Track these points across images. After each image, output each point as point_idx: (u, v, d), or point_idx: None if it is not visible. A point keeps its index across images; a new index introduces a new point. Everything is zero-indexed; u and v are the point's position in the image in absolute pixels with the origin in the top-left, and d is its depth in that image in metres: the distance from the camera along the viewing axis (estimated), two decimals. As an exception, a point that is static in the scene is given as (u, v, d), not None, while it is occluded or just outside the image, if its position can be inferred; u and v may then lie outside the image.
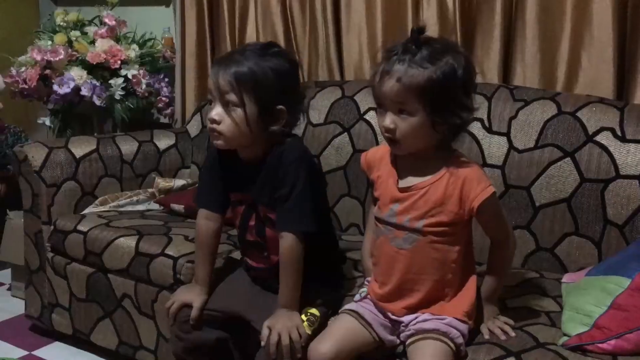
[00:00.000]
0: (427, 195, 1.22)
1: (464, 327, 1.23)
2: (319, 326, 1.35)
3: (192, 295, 1.45)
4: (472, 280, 1.28)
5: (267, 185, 1.35)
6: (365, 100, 1.95)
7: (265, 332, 1.29)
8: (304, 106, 1.43)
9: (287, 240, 1.32)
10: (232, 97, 1.30)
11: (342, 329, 1.27)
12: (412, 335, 1.23)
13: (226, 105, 1.31)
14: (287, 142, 1.35)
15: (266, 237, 1.40)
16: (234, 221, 1.47)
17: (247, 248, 1.47)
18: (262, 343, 1.29)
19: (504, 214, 1.29)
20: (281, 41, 2.31)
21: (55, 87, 2.26)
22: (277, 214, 1.34)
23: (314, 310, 1.35)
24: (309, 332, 1.31)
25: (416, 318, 1.25)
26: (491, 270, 1.29)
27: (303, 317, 1.33)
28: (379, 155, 1.33)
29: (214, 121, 1.32)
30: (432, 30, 1.92)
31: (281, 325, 1.29)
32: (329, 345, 1.23)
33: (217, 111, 1.32)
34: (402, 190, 1.25)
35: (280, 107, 1.32)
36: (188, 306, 1.45)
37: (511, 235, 1.29)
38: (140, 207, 2.07)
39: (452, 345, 1.19)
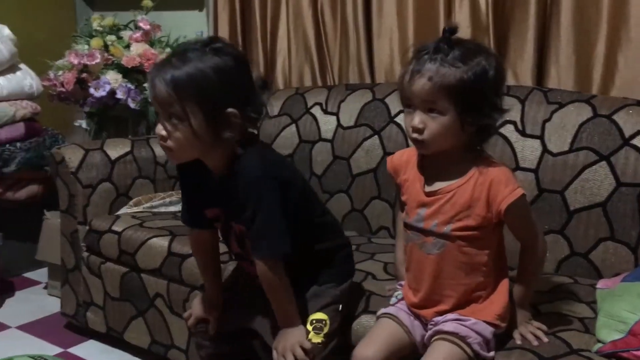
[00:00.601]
0: (454, 199, 1.21)
1: (488, 331, 1.21)
2: (338, 324, 1.33)
3: (206, 309, 1.44)
4: (504, 283, 1.26)
5: (234, 203, 1.26)
6: (396, 102, 1.94)
7: (274, 355, 1.29)
8: (264, 100, 1.25)
9: (261, 267, 1.26)
10: (174, 109, 1.18)
11: (385, 333, 1.26)
12: (431, 336, 1.23)
13: (170, 118, 1.19)
14: (246, 153, 1.24)
15: (248, 250, 1.33)
16: None
17: (237, 258, 1.45)
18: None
19: (533, 217, 1.27)
20: (312, 44, 2.33)
21: (91, 90, 2.30)
22: (248, 238, 1.28)
23: (318, 315, 1.31)
24: (318, 340, 1.29)
25: (443, 317, 1.24)
26: (521, 275, 1.27)
27: (308, 326, 1.30)
28: (405, 158, 1.32)
29: (161, 137, 1.21)
30: (465, 32, 1.91)
31: (282, 346, 1.27)
32: (375, 349, 1.23)
33: (161, 126, 1.21)
34: (428, 194, 1.24)
35: (231, 110, 1.20)
36: (205, 319, 1.44)
37: (540, 239, 1.26)
38: (173, 208, 2.09)
39: (467, 349, 1.18)
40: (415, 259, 1.28)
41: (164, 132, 1.21)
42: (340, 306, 1.35)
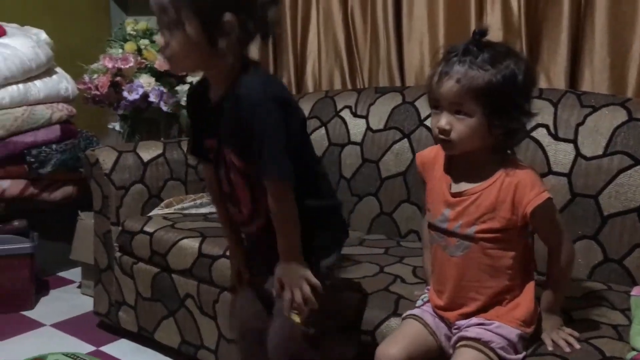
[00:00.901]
0: (479, 200, 1.20)
1: (514, 334, 1.20)
2: (326, 301, 1.30)
3: (235, 262, 1.45)
4: (530, 287, 1.25)
5: (231, 127, 1.24)
6: (425, 106, 1.92)
7: (277, 286, 1.27)
8: (270, 15, 1.22)
9: (271, 189, 1.22)
10: (170, 15, 1.17)
11: (410, 334, 1.26)
12: (455, 342, 1.22)
13: (168, 27, 1.19)
14: (246, 74, 1.21)
15: (232, 185, 1.30)
16: None
17: (226, 202, 1.38)
18: (275, 294, 1.28)
19: (560, 221, 1.25)
20: (342, 48, 2.33)
21: (125, 93, 2.34)
22: (256, 164, 1.22)
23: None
24: (297, 320, 1.26)
25: (468, 321, 1.23)
26: (549, 280, 1.26)
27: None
28: (432, 155, 1.32)
29: (161, 48, 1.22)
30: (497, 35, 1.89)
31: (288, 280, 1.25)
32: (398, 348, 1.23)
33: (161, 35, 1.21)
34: (454, 195, 1.24)
35: (227, 18, 1.17)
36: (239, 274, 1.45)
37: (566, 243, 1.24)
38: (203, 210, 2.12)
39: (492, 354, 1.17)
40: (439, 261, 1.28)
41: (163, 42, 1.21)
42: (328, 282, 1.31)
